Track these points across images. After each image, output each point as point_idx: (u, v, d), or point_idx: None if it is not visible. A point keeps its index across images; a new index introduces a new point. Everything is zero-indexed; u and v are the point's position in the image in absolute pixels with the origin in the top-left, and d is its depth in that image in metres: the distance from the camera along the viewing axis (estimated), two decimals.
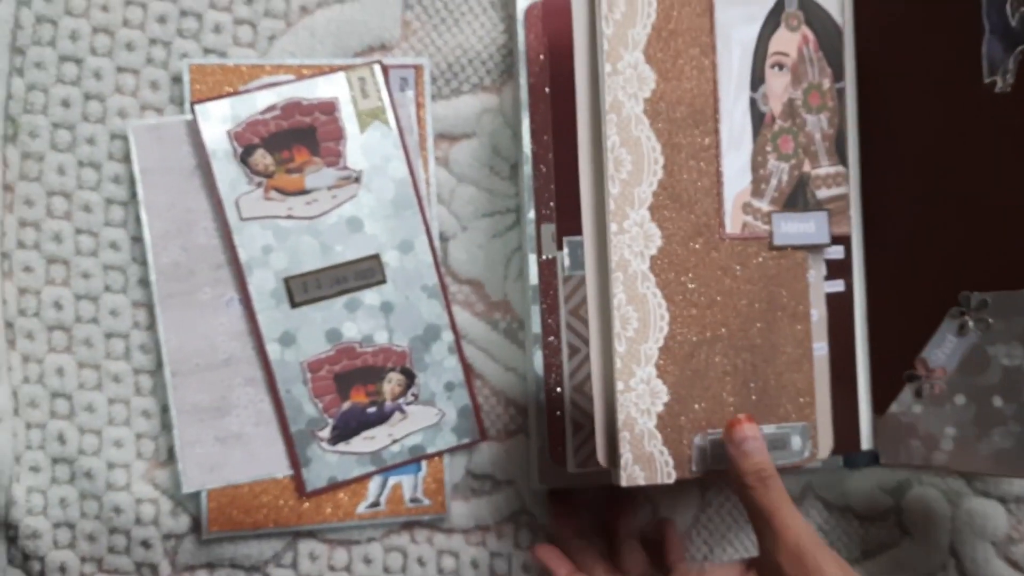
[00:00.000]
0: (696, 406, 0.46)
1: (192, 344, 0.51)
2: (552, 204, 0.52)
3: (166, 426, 0.52)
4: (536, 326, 0.52)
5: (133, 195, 0.52)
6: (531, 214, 0.52)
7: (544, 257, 0.52)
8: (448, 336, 0.53)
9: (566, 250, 0.51)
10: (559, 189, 0.52)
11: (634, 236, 0.44)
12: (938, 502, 0.56)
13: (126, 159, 0.52)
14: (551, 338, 0.51)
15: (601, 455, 0.45)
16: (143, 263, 0.52)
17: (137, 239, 0.52)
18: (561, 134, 0.51)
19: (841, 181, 0.50)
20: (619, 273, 0.44)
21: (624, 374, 0.44)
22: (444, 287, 0.53)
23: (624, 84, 0.44)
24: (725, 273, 0.46)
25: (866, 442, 0.51)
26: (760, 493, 0.43)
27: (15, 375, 0.51)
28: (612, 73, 0.44)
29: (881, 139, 0.51)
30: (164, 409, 0.52)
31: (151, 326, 0.52)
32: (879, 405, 0.51)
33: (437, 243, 0.54)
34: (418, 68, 0.54)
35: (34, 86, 0.52)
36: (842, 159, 0.50)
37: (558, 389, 0.51)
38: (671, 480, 0.45)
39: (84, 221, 0.52)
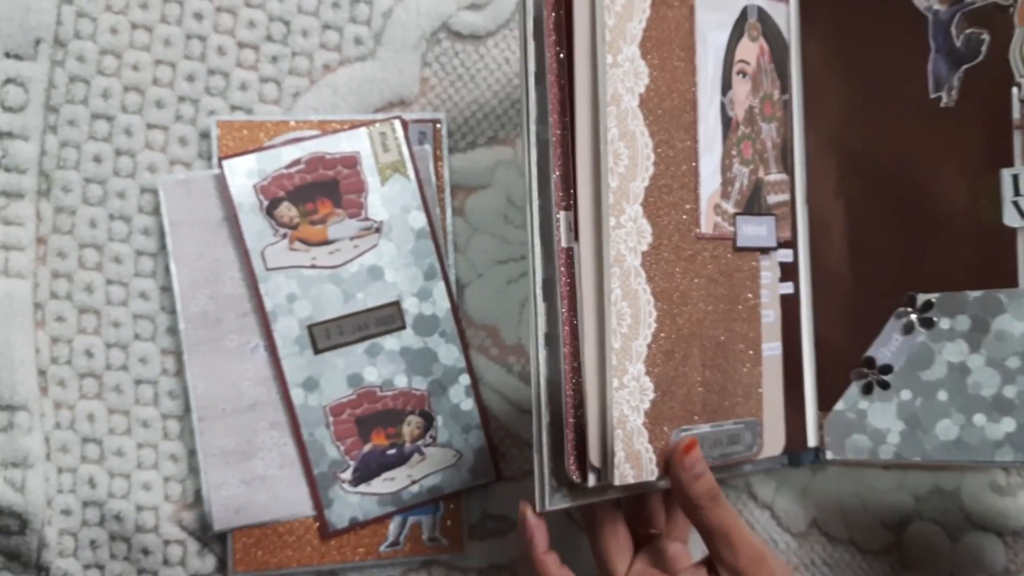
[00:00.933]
0: (673, 402, 0.46)
1: (219, 390, 0.53)
2: (572, 192, 0.45)
3: (193, 469, 0.54)
4: (543, 324, 0.45)
5: (162, 247, 0.54)
6: (539, 199, 0.45)
7: (562, 246, 0.45)
8: (465, 380, 0.55)
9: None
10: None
11: (629, 231, 0.44)
12: (938, 536, 0.58)
13: (156, 212, 0.54)
14: (565, 334, 0.45)
15: (594, 453, 0.44)
16: (172, 312, 0.54)
17: (166, 289, 0.54)
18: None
19: (785, 188, 0.52)
20: (616, 268, 0.44)
21: (619, 371, 0.44)
22: (461, 332, 0.55)
23: (623, 77, 0.44)
24: (698, 272, 0.47)
25: (812, 439, 0.53)
26: (714, 513, 0.44)
27: (47, 421, 0.53)
28: (613, 65, 0.44)
29: (825, 148, 0.53)
30: (191, 453, 0.54)
31: (179, 373, 0.54)
32: (825, 403, 0.53)
33: (454, 290, 0.56)
34: (436, 123, 0.56)
35: (67, 143, 0.54)
36: (786, 167, 0.52)
37: (569, 393, 0.45)
38: (654, 477, 0.45)
39: (115, 272, 0.54)
